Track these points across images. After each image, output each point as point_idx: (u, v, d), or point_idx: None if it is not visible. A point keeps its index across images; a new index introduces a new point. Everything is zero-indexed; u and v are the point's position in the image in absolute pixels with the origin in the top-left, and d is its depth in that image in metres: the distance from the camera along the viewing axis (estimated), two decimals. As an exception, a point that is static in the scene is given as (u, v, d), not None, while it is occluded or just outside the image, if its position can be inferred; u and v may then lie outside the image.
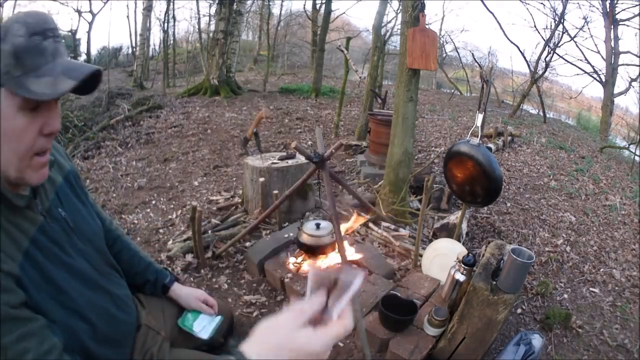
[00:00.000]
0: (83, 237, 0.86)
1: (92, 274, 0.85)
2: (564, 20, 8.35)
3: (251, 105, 7.23)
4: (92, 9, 9.76)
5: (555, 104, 14.85)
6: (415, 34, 2.59)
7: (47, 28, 0.66)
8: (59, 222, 0.80)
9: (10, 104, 0.63)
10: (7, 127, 0.64)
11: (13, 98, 0.63)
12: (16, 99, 0.63)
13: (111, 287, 0.91)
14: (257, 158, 2.91)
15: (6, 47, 0.62)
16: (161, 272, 1.16)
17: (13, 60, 0.63)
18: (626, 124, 9.92)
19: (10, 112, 0.64)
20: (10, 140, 0.65)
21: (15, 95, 0.63)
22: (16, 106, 0.64)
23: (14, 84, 0.62)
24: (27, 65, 0.64)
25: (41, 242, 0.73)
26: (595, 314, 2.36)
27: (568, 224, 3.50)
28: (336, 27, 13.31)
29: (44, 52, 0.65)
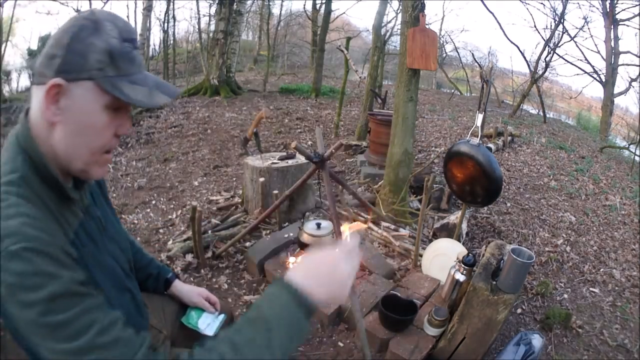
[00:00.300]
0: (111, 238, 0.87)
1: (120, 274, 0.86)
2: (564, 20, 8.36)
3: (251, 105, 7.23)
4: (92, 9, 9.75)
5: (555, 104, 14.85)
6: (415, 34, 2.59)
7: (134, 38, 0.69)
8: (95, 221, 0.81)
9: (97, 100, 0.65)
10: (88, 122, 0.66)
11: (102, 95, 0.65)
12: (105, 97, 0.65)
13: (133, 288, 0.92)
14: (257, 158, 2.91)
15: (100, 43, 0.63)
16: (163, 267, 1.17)
17: (107, 59, 0.64)
18: (626, 124, 9.92)
19: (95, 107, 0.65)
20: (88, 134, 0.67)
21: (106, 93, 0.64)
22: (103, 104, 0.65)
23: (108, 82, 0.64)
24: (121, 69, 0.65)
25: (82, 237, 0.74)
26: (595, 314, 2.36)
27: (568, 224, 3.50)
28: (336, 27, 13.31)
29: (134, 60, 0.68)
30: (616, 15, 9.25)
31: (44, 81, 0.63)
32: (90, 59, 0.63)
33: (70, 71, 0.63)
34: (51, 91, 0.62)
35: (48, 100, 0.63)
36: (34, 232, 0.58)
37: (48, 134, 0.66)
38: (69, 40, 0.63)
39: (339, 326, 1.91)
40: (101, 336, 0.59)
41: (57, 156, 0.67)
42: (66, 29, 0.64)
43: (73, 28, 0.64)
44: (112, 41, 0.64)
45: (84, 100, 0.64)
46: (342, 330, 1.89)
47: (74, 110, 0.65)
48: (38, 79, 0.65)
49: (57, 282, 0.58)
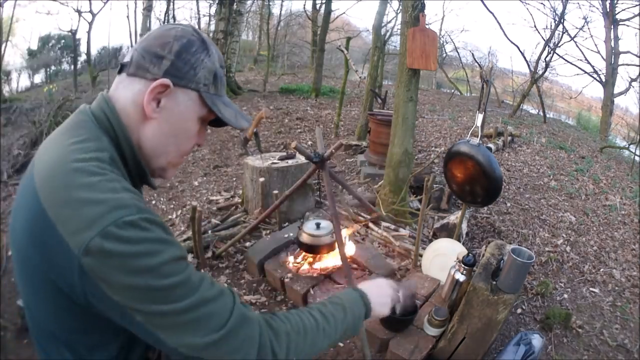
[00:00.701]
0: None
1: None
2: (564, 20, 8.35)
3: (251, 105, 7.23)
4: (92, 9, 9.74)
5: (555, 104, 14.84)
6: (415, 34, 2.59)
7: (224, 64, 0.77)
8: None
9: (197, 110, 0.72)
10: (184, 126, 0.72)
11: (202, 107, 0.72)
12: (203, 110, 0.72)
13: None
14: (257, 158, 2.91)
15: (208, 62, 0.71)
16: None
17: (212, 78, 0.72)
18: (626, 124, 9.91)
19: (193, 115, 0.72)
20: (180, 137, 0.73)
21: (205, 106, 0.72)
22: (199, 114, 0.72)
23: (209, 99, 0.72)
24: (218, 89, 0.74)
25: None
26: (595, 314, 2.36)
27: (568, 224, 3.50)
28: (336, 27, 13.31)
29: (224, 85, 0.77)
30: (616, 15, 9.25)
31: (146, 76, 0.67)
32: (199, 73, 0.70)
33: (179, 77, 0.68)
34: (157, 89, 0.67)
35: (151, 95, 0.67)
36: (143, 206, 0.61)
37: (138, 126, 0.69)
38: (180, 49, 0.68)
39: (339, 326, 1.91)
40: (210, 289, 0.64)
41: (142, 149, 0.71)
42: (174, 36, 0.69)
43: (183, 39, 0.69)
44: (216, 64, 0.73)
45: (185, 106, 0.70)
46: (342, 330, 1.89)
47: (174, 113, 0.70)
48: (137, 71, 0.68)
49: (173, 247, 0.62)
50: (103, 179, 0.61)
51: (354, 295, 0.85)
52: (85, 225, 0.56)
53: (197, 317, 0.61)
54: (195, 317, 0.61)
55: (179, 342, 0.61)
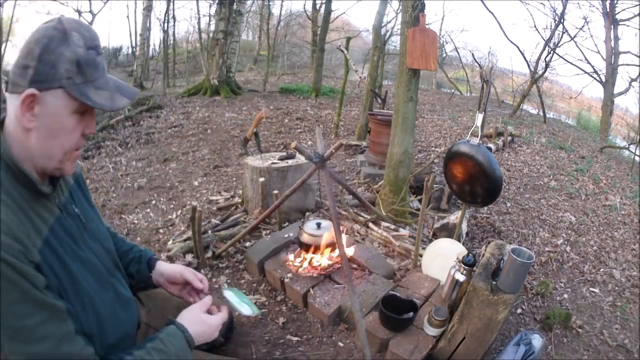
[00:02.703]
0: (93, 235, 0.90)
1: (102, 270, 0.88)
2: (564, 20, 8.35)
3: (251, 105, 7.23)
4: (92, 9, 9.76)
5: (555, 104, 14.84)
6: (415, 34, 2.59)
7: (98, 44, 0.76)
8: (73, 218, 0.85)
9: (67, 105, 0.72)
10: (59, 125, 0.73)
11: (71, 101, 0.72)
12: (73, 103, 0.72)
13: (118, 285, 0.94)
14: (257, 158, 2.91)
15: (68, 53, 0.70)
16: (145, 250, 1.18)
17: (75, 68, 0.71)
18: (626, 124, 9.91)
19: (65, 112, 0.73)
20: (60, 136, 0.74)
21: (74, 99, 0.72)
22: (71, 108, 0.73)
23: (76, 90, 0.71)
24: (87, 76, 0.73)
25: (58, 232, 0.78)
26: (595, 314, 2.36)
27: (568, 224, 3.50)
28: (336, 27, 13.30)
29: (98, 66, 0.75)
30: (616, 15, 9.25)
31: (19, 90, 0.69)
32: (60, 69, 0.70)
33: (42, 81, 0.69)
34: (26, 100, 0.69)
35: (23, 108, 0.69)
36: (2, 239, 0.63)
37: (24, 138, 0.72)
38: (40, 52, 0.69)
39: (339, 326, 1.91)
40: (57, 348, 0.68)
41: (34, 157, 0.73)
42: (37, 39, 0.70)
43: (43, 39, 0.69)
44: (79, 50, 0.71)
45: (55, 106, 0.71)
46: (342, 330, 1.89)
47: (47, 116, 0.71)
48: (13, 88, 0.70)
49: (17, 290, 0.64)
50: None
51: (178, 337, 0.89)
52: None
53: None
54: None
55: None
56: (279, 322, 1.92)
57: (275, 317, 1.96)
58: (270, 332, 1.85)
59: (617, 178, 4.92)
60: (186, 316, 0.96)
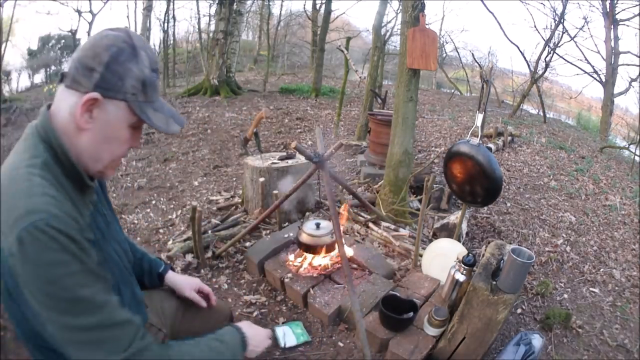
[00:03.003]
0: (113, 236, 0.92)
1: (123, 269, 0.92)
2: (564, 20, 8.34)
3: (251, 105, 7.23)
4: (92, 9, 9.74)
5: (555, 104, 14.83)
6: (415, 34, 2.59)
7: (158, 67, 0.80)
8: (101, 216, 0.88)
9: (126, 118, 0.76)
10: (115, 135, 0.77)
11: (131, 116, 0.76)
12: (132, 118, 0.76)
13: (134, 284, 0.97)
14: (257, 158, 2.91)
15: (136, 71, 0.74)
16: (154, 261, 1.19)
17: (140, 86, 0.75)
18: (626, 124, 9.90)
19: (123, 124, 0.76)
20: (113, 144, 0.77)
21: (134, 114, 0.76)
22: (129, 122, 0.77)
23: (138, 107, 0.75)
24: (148, 96, 0.77)
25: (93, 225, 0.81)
26: (595, 314, 2.36)
27: (568, 224, 3.50)
28: (336, 27, 13.29)
29: (157, 89, 0.80)
30: (616, 15, 9.24)
31: (79, 89, 0.71)
32: (127, 84, 0.73)
33: (108, 89, 0.72)
34: (88, 102, 0.71)
35: (83, 109, 0.71)
36: (58, 212, 0.65)
37: (75, 136, 0.74)
38: (109, 60, 0.71)
39: (339, 326, 1.91)
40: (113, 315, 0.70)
41: (80, 156, 0.75)
42: (105, 46, 0.72)
43: (113, 48, 0.72)
44: (145, 71, 0.75)
45: (114, 116, 0.75)
46: (342, 330, 1.89)
47: (104, 123, 0.74)
48: (72, 84, 0.72)
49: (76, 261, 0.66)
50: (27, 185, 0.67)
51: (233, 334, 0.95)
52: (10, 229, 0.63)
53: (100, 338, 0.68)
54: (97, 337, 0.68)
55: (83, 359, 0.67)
56: (279, 322, 1.92)
57: (275, 317, 1.96)
58: (270, 332, 1.85)
59: (617, 178, 4.92)
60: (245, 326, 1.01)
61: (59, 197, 0.68)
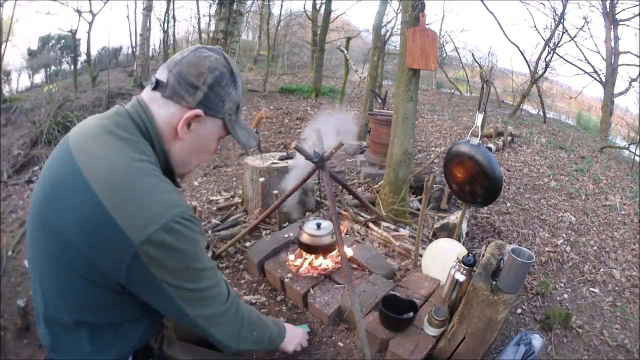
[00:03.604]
0: None
1: None
2: (564, 20, 8.34)
3: (251, 105, 7.22)
4: (92, 9, 9.73)
5: (555, 104, 14.83)
6: (415, 34, 2.59)
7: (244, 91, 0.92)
8: None
9: (219, 133, 0.88)
10: (207, 145, 0.89)
11: (222, 131, 0.88)
12: (223, 132, 0.88)
13: None
14: (257, 158, 2.91)
15: (235, 95, 0.85)
16: None
17: (235, 108, 0.87)
18: (626, 124, 9.90)
19: (215, 137, 0.89)
20: (203, 153, 0.90)
21: (226, 130, 0.88)
22: (219, 136, 0.89)
23: (230, 124, 0.87)
24: (238, 115, 0.90)
25: None
26: (595, 314, 2.36)
27: (568, 224, 3.50)
28: (336, 27, 13.29)
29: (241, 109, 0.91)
30: (616, 15, 9.24)
31: (181, 103, 0.80)
32: (226, 105, 0.84)
33: (210, 108, 0.82)
34: (191, 117, 0.80)
35: (185, 121, 0.81)
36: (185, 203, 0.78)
37: (169, 141, 0.83)
38: (213, 82, 0.81)
39: (339, 326, 1.91)
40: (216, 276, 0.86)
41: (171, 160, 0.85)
42: (209, 68, 0.80)
43: (216, 71, 0.81)
44: (240, 94, 0.87)
45: (210, 131, 0.86)
46: (342, 330, 1.89)
47: (200, 135, 0.85)
48: (172, 96, 0.80)
49: (204, 238, 0.83)
50: (158, 181, 0.76)
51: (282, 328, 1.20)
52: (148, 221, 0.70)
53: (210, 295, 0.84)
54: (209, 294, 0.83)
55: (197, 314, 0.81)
56: (279, 322, 1.92)
57: (275, 317, 1.96)
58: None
59: (617, 178, 4.92)
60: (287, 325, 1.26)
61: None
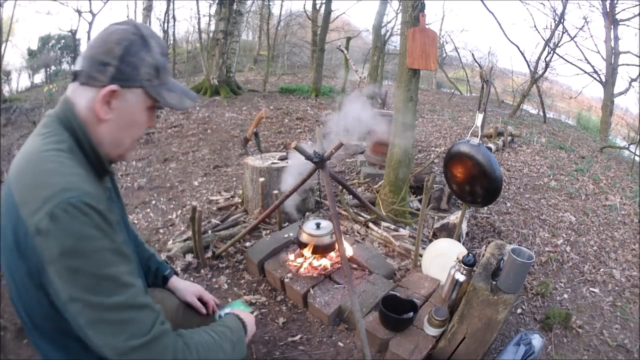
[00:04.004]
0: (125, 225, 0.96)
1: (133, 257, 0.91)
2: (564, 20, 8.34)
3: (251, 105, 7.22)
4: (92, 9, 9.74)
5: (555, 104, 14.83)
6: (415, 34, 2.59)
7: (167, 51, 0.86)
8: (116, 203, 0.94)
9: (142, 102, 0.81)
10: (134, 119, 0.81)
11: (147, 99, 0.81)
12: (149, 101, 0.81)
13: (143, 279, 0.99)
14: (257, 158, 2.91)
15: (149, 58, 0.78)
16: (162, 264, 1.22)
17: (154, 72, 0.80)
18: (626, 124, 9.89)
19: (141, 108, 0.81)
20: (132, 128, 0.82)
21: (150, 97, 0.81)
22: (146, 106, 0.82)
23: (153, 90, 0.80)
24: (162, 79, 0.82)
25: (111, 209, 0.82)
26: (595, 314, 2.36)
27: (568, 224, 3.50)
28: (336, 27, 13.28)
29: (168, 71, 0.85)
30: (616, 15, 9.24)
31: (95, 84, 0.75)
32: (142, 72, 0.78)
33: (124, 79, 0.76)
34: (106, 96, 0.75)
35: (102, 101, 0.76)
36: (90, 189, 0.69)
37: (95, 126, 0.78)
38: (122, 53, 0.75)
39: (339, 326, 1.91)
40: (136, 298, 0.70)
41: (101, 144, 0.79)
42: (117, 40, 0.75)
43: (124, 41, 0.76)
44: (157, 57, 0.80)
45: (133, 103, 0.79)
46: (342, 330, 1.89)
47: (124, 110, 0.79)
48: (87, 80, 0.76)
49: (107, 238, 0.68)
50: (58, 166, 0.69)
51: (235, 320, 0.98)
52: (38, 206, 0.64)
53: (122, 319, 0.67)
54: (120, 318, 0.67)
55: (104, 342, 0.66)
56: (279, 322, 1.92)
57: (275, 317, 1.96)
58: (270, 332, 1.85)
59: (617, 178, 4.92)
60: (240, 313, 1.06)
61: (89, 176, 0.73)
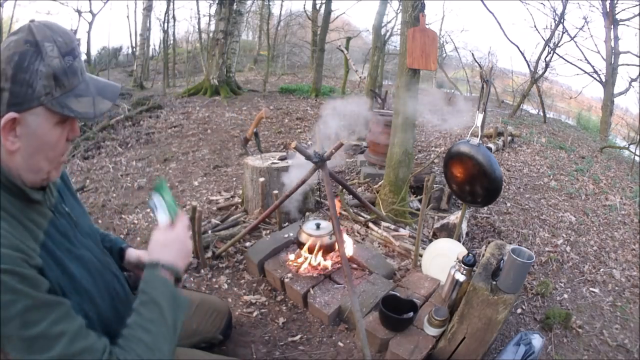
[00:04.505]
0: (83, 231, 0.90)
1: (97, 265, 0.88)
2: (564, 20, 8.34)
3: (251, 105, 7.22)
4: (92, 9, 9.75)
5: (555, 104, 14.82)
6: (415, 34, 2.59)
7: (74, 47, 0.73)
8: (65, 217, 0.84)
9: (48, 120, 0.70)
10: (43, 140, 0.71)
11: (52, 115, 0.70)
12: (55, 116, 0.70)
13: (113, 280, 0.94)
14: (257, 158, 2.91)
15: (44, 68, 0.67)
16: (116, 239, 1.15)
17: (52, 82, 0.68)
18: (626, 124, 9.90)
19: (48, 126, 0.71)
20: (45, 150, 0.72)
21: (55, 113, 0.70)
22: (53, 122, 0.71)
23: (57, 104, 0.69)
24: (66, 86, 0.70)
25: (54, 235, 0.77)
26: (595, 314, 2.36)
27: (568, 224, 3.50)
28: (336, 27, 13.27)
29: (76, 72, 0.72)
30: (616, 15, 9.24)
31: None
32: (37, 87, 0.67)
33: (19, 103, 0.66)
34: (7, 126, 0.66)
35: (5, 133, 0.67)
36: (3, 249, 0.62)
37: (9, 158, 0.70)
38: (13, 72, 0.65)
39: (339, 326, 1.91)
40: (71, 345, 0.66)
41: (21, 174, 0.71)
42: (7, 58, 0.66)
43: (14, 57, 0.66)
44: (54, 62, 0.68)
45: (37, 124, 0.69)
46: (342, 330, 1.89)
47: (30, 136, 0.69)
48: None
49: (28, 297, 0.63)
50: None
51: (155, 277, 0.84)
52: None
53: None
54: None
55: None
56: (279, 322, 1.92)
57: (275, 317, 1.96)
58: (270, 332, 1.85)
59: (617, 178, 4.92)
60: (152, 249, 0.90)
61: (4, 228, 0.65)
